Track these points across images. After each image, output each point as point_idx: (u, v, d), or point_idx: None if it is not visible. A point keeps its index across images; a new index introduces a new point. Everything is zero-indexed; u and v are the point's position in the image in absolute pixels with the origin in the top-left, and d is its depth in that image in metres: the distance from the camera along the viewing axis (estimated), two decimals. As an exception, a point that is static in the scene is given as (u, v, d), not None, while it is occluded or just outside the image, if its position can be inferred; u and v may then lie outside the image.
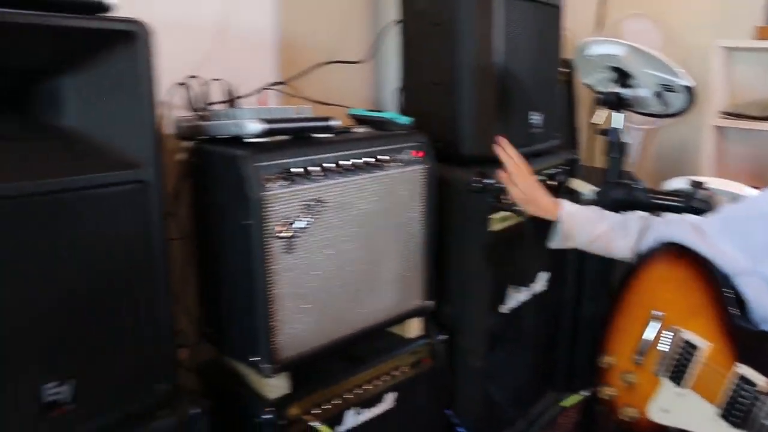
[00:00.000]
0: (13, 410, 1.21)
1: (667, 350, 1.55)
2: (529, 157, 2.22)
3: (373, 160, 1.69)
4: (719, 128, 3.52)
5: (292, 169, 1.51)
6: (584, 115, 3.41)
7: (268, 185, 1.46)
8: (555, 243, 1.84)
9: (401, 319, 1.91)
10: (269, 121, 1.49)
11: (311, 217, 1.56)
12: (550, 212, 1.83)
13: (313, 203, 1.55)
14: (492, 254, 2.08)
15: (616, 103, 1.95)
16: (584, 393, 1.88)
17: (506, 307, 2.26)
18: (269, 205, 1.47)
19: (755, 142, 3.59)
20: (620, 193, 1.95)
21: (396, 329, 1.99)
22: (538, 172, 2.23)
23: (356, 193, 1.67)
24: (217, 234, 1.58)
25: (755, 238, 1.48)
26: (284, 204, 1.50)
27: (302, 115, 1.60)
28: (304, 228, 1.55)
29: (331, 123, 1.61)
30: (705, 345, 1.47)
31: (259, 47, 2.05)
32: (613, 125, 1.97)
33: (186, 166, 1.61)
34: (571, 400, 1.96)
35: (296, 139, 1.60)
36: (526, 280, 2.32)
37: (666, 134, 3.83)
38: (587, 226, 1.79)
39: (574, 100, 3.25)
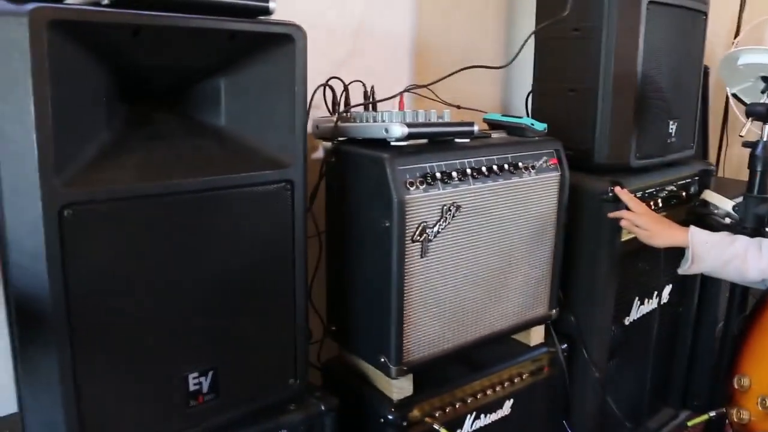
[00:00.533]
0: (161, 397, 1.27)
1: None
2: (664, 166, 2.17)
3: (510, 166, 1.67)
4: None
5: (433, 173, 1.51)
6: (715, 124, 3.28)
7: (409, 188, 1.47)
8: (686, 269, 1.77)
9: (525, 326, 1.89)
10: (412, 125, 1.49)
11: (447, 222, 1.55)
12: (680, 239, 1.77)
13: (450, 207, 1.55)
14: (621, 264, 2.04)
15: (765, 114, 1.86)
16: (711, 414, 1.81)
17: (630, 319, 2.21)
18: (409, 208, 1.47)
19: None
20: (763, 209, 1.87)
21: (519, 336, 1.97)
22: (671, 182, 2.17)
23: (491, 198, 1.65)
24: (353, 233, 1.60)
25: None
26: (423, 207, 1.50)
27: (444, 120, 1.60)
28: (440, 232, 1.55)
29: (471, 128, 1.60)
30: None
31: (396, 51, 2.07)
32: (761, 138, 1.88)
33: (324, 165, 1.63)
34: (697, 420, 1.90)
35: (436, 143, 1.60)
36: (652, 292, 2.26)
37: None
38: (719, 248, 1.72)
39: (707, 109, 3.13)
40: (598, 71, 1.95)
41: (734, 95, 2.05)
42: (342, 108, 1.70)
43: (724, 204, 2.12)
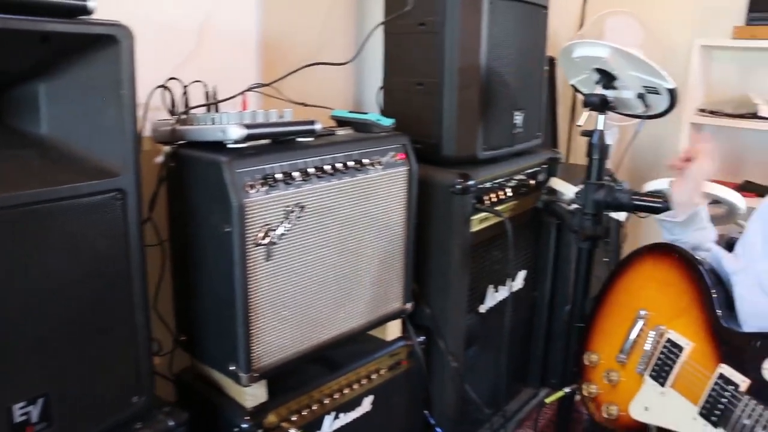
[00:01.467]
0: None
1: (651, 350, 1.56)
2: (511, 156, 2.23)
3: (355, 163, 1.66)
4: (696, 125, 3.54)
5: (274, 175, 1.47)
6: (564, 113, 3.40)
7: (249, 191, 1.43)
8: (672, 217, 1.70)
9: (381, 322, 1.89)
10: (251, 126, 1.45)
11: (292, 223, 1.52)
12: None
13: (294, 209, 1.52)
14: (473, 254, 2.07)
15: (600, 104, 1.93)
16: (567, 390, 1.88)
17: (485, 307, 2.25)
18: (250, 211, 1.43)
19: (730, 139, 3.61)
20: (601, 195, 1.94)
21: (375, 332, 1.97)
22: (519, 172, 2.23)
23: (337, 197, 1.64)
24: (195, 240, 1.54)
25: (752, 237, 1.49)
26: (265, 210, 1.47)
27: (285, 119, 1.56)
28: (285, 234, 1.52)
29: (314, 126, 1.57)
30: (689, 345, 1.49)
31: (240, 49, 2.01)
32: (596, 127, 1.96)
33: (164, 170, 1.56)
34: (554, 396, 1.96)
35: (278, 143, 1.56)
36: (505, 279, 2.31)
37: (645, 131, 3.83)
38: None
39: (555, 99, 3.24)
40: (444, 65, 1.97)
41: (574, 86, 2.12)
42: (181, 110, 1.63)
43: (568, 190, 2.19)
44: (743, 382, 1.34)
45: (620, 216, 2.42)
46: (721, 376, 1.38)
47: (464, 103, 1.97)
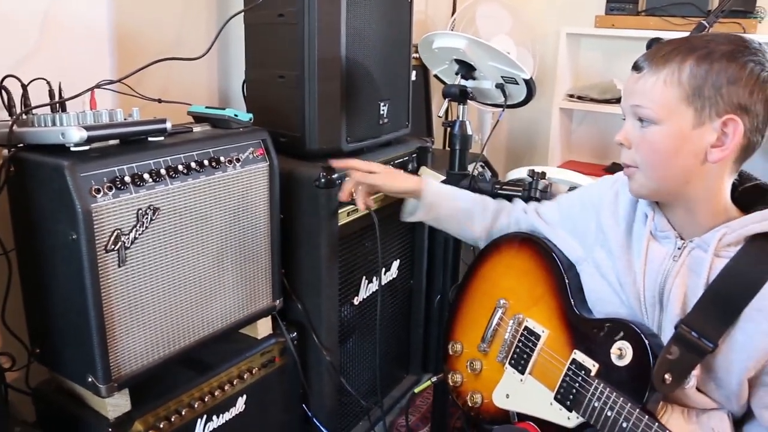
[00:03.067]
0: None
1: (510, 338, 1.60)
2: (379, 147, 2.23)
3: (211, 161, 1.62)
4: (565, 110, 3.67)
5: (123, 177, 1.42)
6: (439, 99, 3.45)
7: (95, 196, 1.37)
8: (414, 216, 1.90)
9: (250, 320, 1.86)
10: (94, 128, 1.39)
11: (145, 226, 1.48)
12: (414, 184, 1.86)
13: (146, 211, 1.47)
14: (343, 247, 2.07)
15: (460, 95, 1.97)
16: (434, 380, 1.91)
17: (360, 298, 2.26)
18: (98, 216, 1.37)
19: (597, 123, 3.76)
20: (464, 184, 1.98)
21: (246, 330, 1.94)
22: (387, 162, 2.23)
23: (194, 197, 1.59)
24: (43, 248, 1.47)
25: (585, 226, 1.55)
26: (114, 214, 1.41)
27: (132, 119, 1.51)
28: (138, 238, 1.47)
29: (163, 125, 1.52)
30: (545, 332, 1.53)
31: (90, 42, 1.91)
32: (457, 117, 1.99)
33: (4, 176, 1.48)
34: (422, 387, 1.99)
35: (126, 143, 1.50)
36: (379, 270, 2.32)
37: (518, 116, 3.96)
38: (450, 200, 1.85)
39: (429, 88, 3.28)
40: (303, 57, 1.94)
41: (437, 76, 2.15)
42: (19, 110, 1.54)
43: (436, 180, 2.22)
44: (594, 366, 1.39)
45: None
46: (574, 362, 1.43)
47: (326, 95, 1.96)
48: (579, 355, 1.43)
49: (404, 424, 2.56)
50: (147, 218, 1.48)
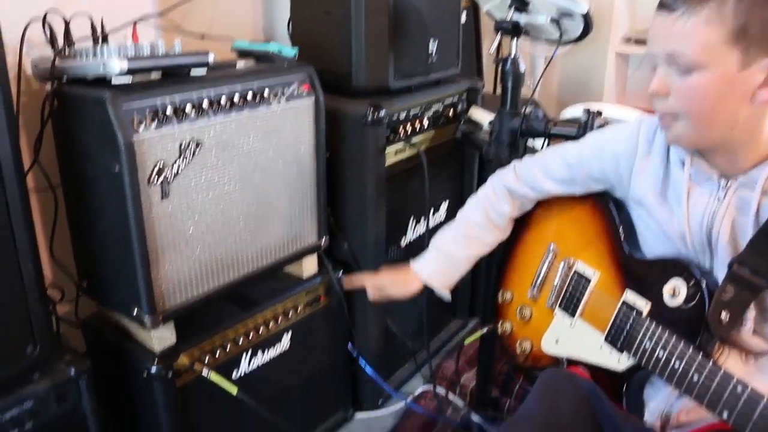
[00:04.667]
0: None
1: (560, 282, 1.56)
2: (427, 86, 2.18)
3: (255, 96, 1.60)
4: (621, 55, 3.54)
5: (164, 110, 1.40)
6: (489, 42, 3.35)
7: (137, 128, 1.36)
8: (446, 295, 1.79)
9: (294, 258, 1.86)
10: (135, 59, 1.37)
11: (188, 160, 1.47)
12: (411, 281, 1.77)
13: (189, 145, 1.46)
14: (390, 187, 2.04)
15: (513, 30, 1.89)
16: (484, 331, 1.88)
17: (407, 240, 2.24)
18: (140, 149, 1.36)
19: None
20: (516, 123, 1.92)
21: (291, 269, 1.94)
22: (436, 102, 2.19)
23: (237, 131, 1.57)
24: (87, 182, 1.47)
25: (615, 177, 1.47)
26: (157, 147, 1.40)
27: (174, 51, 1.48)
28: (180, 172, 1.46)
29: (206, 58, 1.49)
30: (595, 274, 1.49)
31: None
32: (509, 54, 1.92)
33: (48, 110, 1.47)
34: (472, 338, 1.97)
35: (168, 77, 1.48)
36: (427, 212, 2.29)
37: (570, 62, 3.84)
38: (451, 263, 1.75)
39: (479, 30, 3.18)
40: (352, -8, 1.90)
41: (488, 13, 2.07)
42: (62, 44, 1.53)
43: (485, 120, 2.17)
44: (646, 306, 1.35)
45: (537, 145, 2.40)
46: (625, 302, 1.39)
47: (373, 31, 1.91)
48: (630, 296, 1.38)
49: (450, 368, 2.55)
50: (190, 152, 1.47)
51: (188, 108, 1.45)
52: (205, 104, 1.48)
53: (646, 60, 3.66)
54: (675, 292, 1.30)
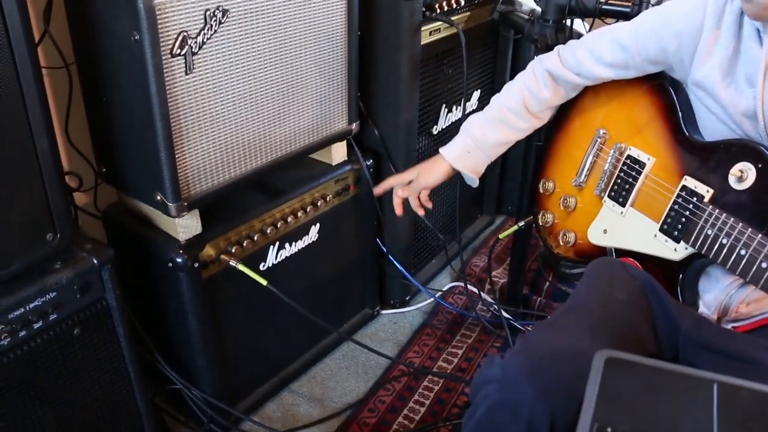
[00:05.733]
0: None
1: (610, 169, 1.45)
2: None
3: (285, -40, 1.44)
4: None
5: (187, -29, 1.26)
6: None
7: (158, -9, 1.21)
8: (476, 179, 1.63)
9: (324, 144, 1.73)
10: None
11: (213, 30, 1.32)
12: (446, 167, 1.61)
13: (215, 13, 1.31)
14: (423, 70, 1.90)
15: None
16: (521, 224, 1.78)
17: (438, 128, 2.11)
18: (161, 14, 1.22)
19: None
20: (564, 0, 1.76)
21: (319, 156, 1.82)
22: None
23: (266, 2, 1.42)
24: (103, 54, 1.33)
25: (676, 55, 1.32)
26: (179, 14, 1.25)
27: None
28: (206, 43, 1.32)
29: None
30: (651, 160, 1.37)
31: None
32: None
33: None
34: (508, 231, 1.87)
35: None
36: (460, 99, 2.16)
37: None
38: (480, 147, 1.58)
39: None
40: None
41: None
42: None
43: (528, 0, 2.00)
44: (708, 192, 1.23)
45: (584, 28, 2.23)
46: (685, 188, 1.27)
47: None
48: (690, 181, 1.27)
49: (478, 265, 2.47)
50: (216, 21, 1.32)
51: (213, -28, 1.29)
52: (232, -34, 1.33)
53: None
54: (743, 175, 1.18)
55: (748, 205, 1.18)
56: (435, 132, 2.09)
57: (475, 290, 2.24)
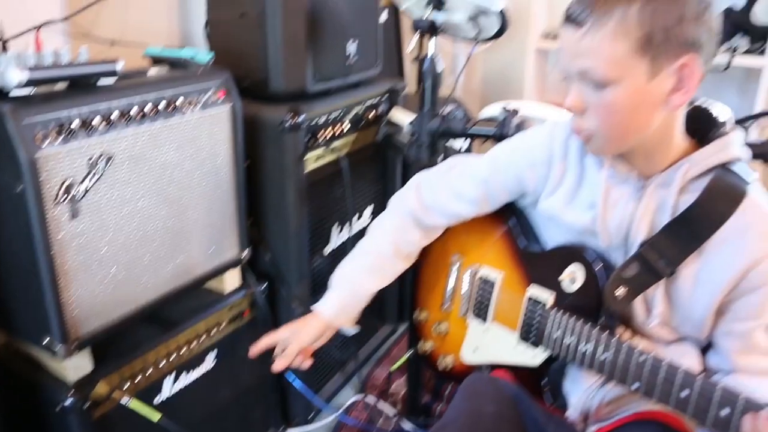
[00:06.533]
0: None
1: (468, 291, 1.54)
2: (347, 88, 2.13)
3: (168, 105, 1.51)
4: (540, 51, 3.58)
5: (70, 123, 1.30)
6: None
7: (40, 144, 1.25)
8: (351, 330, 1.65)
9: (216, 273, 1.78)
10: (36, 69, 1.27)
11: (98, 175, 1.37)
12: (310, 323, 1.59)
13: (98, 160, 1.36)
14: (311, 194, 1.99)
15: (430, 29, 1.87)
16: (408, 355, 1.86)
17: (331, 247, 2.18)
18: (44, 166, 1.26)
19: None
20: (435, 124, 1.89)
21: (213, 283, 1.85)
22: (356, 104, 2.14)
23: (151, 143, 1.48)
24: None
25: (525, 184, 1.45)
26: (63, 164, 1.30)
27: (79, 60, 1.39)
28: (91, 188, 1.36)
29: (113, 66, 1.40)
30: (499, 276, 1.49)
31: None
32: (427, 52, 1.89)
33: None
34: (397, 365, 1.94)
35: (74, 87, 1.38)
36: (350, 217, 2.25)
37: (492, 59, 3.87)
38: (355, 299, 1.59)
39: (400, 29, 3.16)
40: (265, -7, 1.83)
41: (406, 11, 2.04)
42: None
43: (406, 121, 2.13)
44: (550, 297, 1.36)
45: (457, 146, 2.39)
46: (530, 297, 1.39)
47: (290, 34, 1.84)
48: (534, 290, 1.39)
49: (380, 376, 2.51)
50: (100, 167, 1.37)
51: (96, 120, 1.35)
52: (115, 116, 1.39)
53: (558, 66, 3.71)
54: (573, 277, 1.32)
55: (582, 303, 1.31)
56: (327, 252, 2.17)
57: (377, 403, 2.27)
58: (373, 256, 1.59)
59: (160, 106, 1.49)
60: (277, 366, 1.57)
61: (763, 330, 1.21)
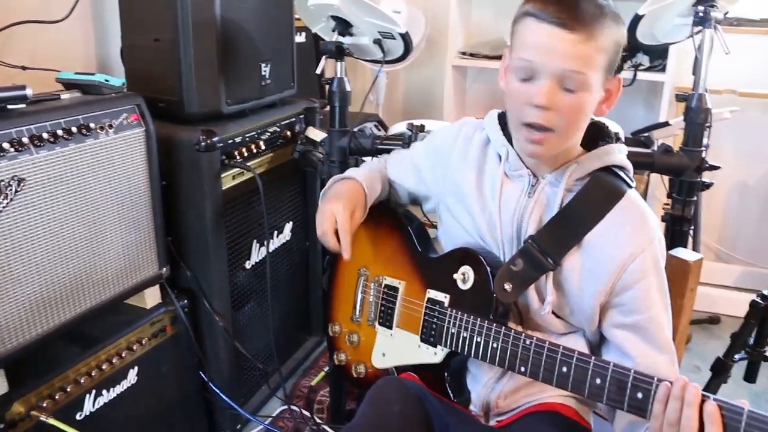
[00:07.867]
0: None
1: (375, 300, 1.62)
2: (262, 108, 2.20)
3: (80, 129, 1.56)
4: (458, 68, 3.70)
5: (-20, 148, 1.36)
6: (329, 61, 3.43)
7: (-50, 169, 1.30)
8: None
9: (136, 290, 1.82)
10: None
11: (9, 199, 1.42)
12: (355, 183, 1.61)
13: (10, 183, 1.41)
14: (229, 211, 2.05)
15: (336, 51, 1.96)
16: (326, 370, 1.91)
17: (252, 262, 2.24)
18: (-45, 190, 1.31)
19: (491, 79, 3.81)
20: (345, 141, 1.98)
21: (134, 300, 1.90)
22: (272, 124, 2.21)
23: (64, 166, 1.53)
24: None
25: (434, 175, 1.58)
26: (-26, 188, 1.35)
27: (-12, 86, 1.43)
28: (2, 211, 1.41)
29: (23, 92, 1.45)
30: (401, 284, 1.57)
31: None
32: (335, 74, 1.98)
33: None
34: (318, 378, 2.00)
35: (-16, 112, 1.43)
36: (272, 233, 2.31)
37: (413, 76, 3.98)
38: (371, 180, 1.64)
39: (318, 47, 3.24)
40: (178, 19, 1.89)
41: (317, 35, 2.13)
42: None
43: (319, 139, 2.21)
44: (446, 298, 1.44)
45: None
46: (429, 300, 1.48)
47: (202, 58, 1.92)
48: (432, 293, 1.47)
49: (307, 386, 2.57)
50: (11, 190, 1.42)
51: (6, 144, 1.40)
52: (26, 140, 1.44)
53: (480, 73, 3.84)
54: (465, 276, 1.40)
55: (475, 300, 1.39)
56: (249, 266, 2.23)
57: (301, 412, 2.33)
58: (367, 167, 1.70)
59: (73, 130, 1.55)
60: (346, 253, 1.52)
61: (650, 322, 1.30)
